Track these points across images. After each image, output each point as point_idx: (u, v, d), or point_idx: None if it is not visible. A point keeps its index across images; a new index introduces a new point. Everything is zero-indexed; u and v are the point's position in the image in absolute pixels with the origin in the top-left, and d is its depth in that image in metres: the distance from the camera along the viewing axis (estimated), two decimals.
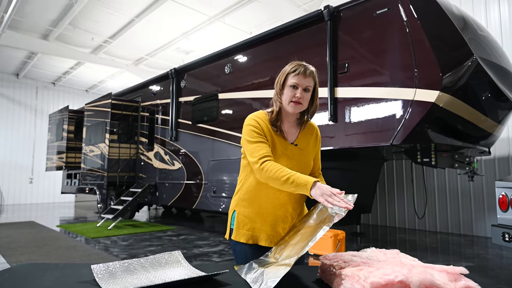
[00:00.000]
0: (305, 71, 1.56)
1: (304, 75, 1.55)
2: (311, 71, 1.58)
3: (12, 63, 13.79)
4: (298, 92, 1.55)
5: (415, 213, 7.15)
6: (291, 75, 1.57)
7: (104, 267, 1.26)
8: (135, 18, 9.90)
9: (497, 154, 6.31)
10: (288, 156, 1.60)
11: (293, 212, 1.63)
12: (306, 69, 1.57)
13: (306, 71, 1.56)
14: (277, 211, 1.60)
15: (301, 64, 1.58)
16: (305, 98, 1.58)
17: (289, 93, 1.57)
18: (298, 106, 1.57)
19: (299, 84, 1.55)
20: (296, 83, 1.55)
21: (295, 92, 1.56)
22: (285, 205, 1.60)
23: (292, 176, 1.42)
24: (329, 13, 4.92)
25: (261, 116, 1.63)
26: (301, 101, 1.56)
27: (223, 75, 6.75)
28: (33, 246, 5.58)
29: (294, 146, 1.63)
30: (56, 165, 11.96)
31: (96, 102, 9.97)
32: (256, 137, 1.57)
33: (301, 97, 1.56)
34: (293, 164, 1.59)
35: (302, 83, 1.56)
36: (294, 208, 1.63)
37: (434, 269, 1.07)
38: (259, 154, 1.52)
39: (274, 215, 1.60)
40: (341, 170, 5.96)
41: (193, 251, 5.32)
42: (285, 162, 1.57)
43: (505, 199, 3.35)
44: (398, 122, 4.13)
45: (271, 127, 1.61)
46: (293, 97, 1.56)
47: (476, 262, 4.63)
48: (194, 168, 7.24)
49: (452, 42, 4.10)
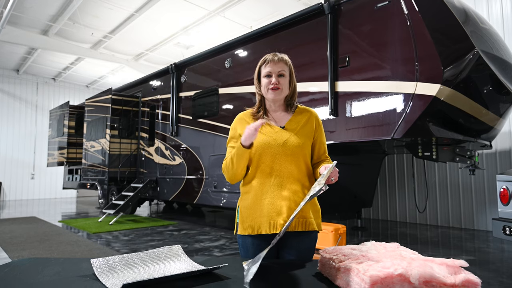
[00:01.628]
0: (273, 59, 1.65)
1: (273, 62, 1.64)
2: (280, 57, 1.66)
3: (12, 59, 13.77)
4: (273, 78, 1.64)
5: (416, 207, 7.15)
6: (263, 66, 1.68)
7: (104, 261, 1.26)
8: (135, 13, 9.85)
9: (498, 147, 6.29)
10: (275, 138, 1.64)
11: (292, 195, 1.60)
12: (275, 56, 1.66)
13: (274, 58, 1.65)
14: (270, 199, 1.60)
15: (270, 54, 1.68)
16: (282, 82, 1.66)
17: (265, 82, 1.67)
18: (276, 92, 1.65)
19: (271, 71, 1.65)
20: (268, 71, 1.65)
21: (270, 79, 1.65)
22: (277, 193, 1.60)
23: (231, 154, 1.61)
24: (330, 6, 4.89)
25: (243, 114, 1.76)
26: (278, 86, 1.64)
27: (223, 69, 6.73)
28: (35, 241, 5.60)
29: (282, 129, 1.67)
30: (57, 161, 11.99)
31: (97, 98, 9.97)
32: (229, 141, 1.74)
33: (277, 82, 1.64)
34: (279, 144, 1.63)
35: (274, 69, 1.64)
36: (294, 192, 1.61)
37: (434, 262, 1.06)
38: (226, 155, 1.70)
39: (269, 203, 1.59)
40: (342, 165, 5.94)
41: (195, 245, 5.33)
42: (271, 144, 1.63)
43: (506, 193, 3.35)
44: (399, 116, 4.12)
45: (254, 119, 1.70)
46: (269, 84, 1.65)
47: (477, 256, 4.64)
48: (195, 163, 7.25)
49: (454, 35, 4.07)
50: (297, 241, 1.60)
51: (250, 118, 1.72)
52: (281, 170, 1.61)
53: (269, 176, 1.61)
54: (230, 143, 1.73)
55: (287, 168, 1.61)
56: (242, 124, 1.71)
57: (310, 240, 1.64)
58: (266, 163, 1.62)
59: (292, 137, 1.64)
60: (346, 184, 5.93)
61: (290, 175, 1.61)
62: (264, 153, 1.62)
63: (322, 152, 1.74)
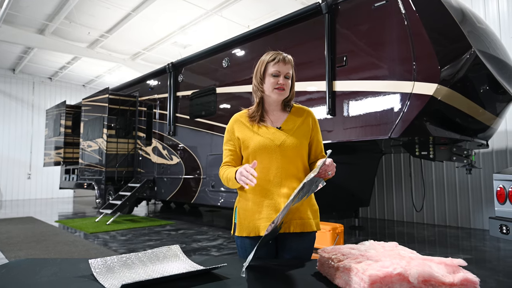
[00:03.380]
0: (284, 59, 1.62)
1: (283, 62, 1.61)
2: (289, 58, 1.64)
3: (8, 58, 13.68)
4: (281, 79, 1.61)
5: (413, 206, 7.17)
6: (271, 64, 1.62)
7: (102, 261, 1.26)
8: (132, 12, 9.81)
9: (495, 147, 6.32)
10: (272, 139, 1.63)
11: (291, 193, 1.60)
12: (285, 57, 1.63)
13: (285, 58, 1.62)
14: (269, 201, 1.60)
15: (278, 53, 1.64)
16: (287, 85, 1.64)
17: (271, 81, 1.62)
18: (282, 93, 1.63)
19: (280, 72, 1.61)
20: (277, 70, 1.61)
21: (277, 79, 1.61)
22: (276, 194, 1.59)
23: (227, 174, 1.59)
24: (327, 6, 4.89)
25: (239, 115, 1.74)
26: (284, 87, 1.63)
27: (221, 69, 6.72)
28: (32, 241, 5.58)
29: (278, 129, 1.66)
30: (54, 161, 11.93)
31: (94, 97, 9.93)
32: (226, 143, 1.72)
33: (284, 83, 1.62)
34: (276, 145, 1.62)
35: (283, 70, 1.62)
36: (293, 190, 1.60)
37: (433, 261, 1.06)
38: (222, 162, 1.70)
39: (268, 205, 1.59)
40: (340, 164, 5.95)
41: (192, 245, 5.33)
42: (268, 145, 1.61)
43: (503, 192, 3.36)
44: (397, 115, 4.12)
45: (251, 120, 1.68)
46: (276, 84, 1.61)
47: (473, 255, 4.66)
48: (193, 162, 7.23)
49: (451, 35, 4.08)
50: (296, 242, 1.61)
51: (246, 119, 1.70)
52: (279, 171, 1.61)
53: (267, 177, 1.60)
54: (227, 146, 1.71)
55: (285, 169, 1.61)
56: (239, 126, 1.69)
57: (309, 240, 1.65)
58: (264, 164, 1.61)
59: (289, 138, 1.63)
60: (344, 183, 5.94)
61: (289, 175, 1.61)
62: (261, 154, 1.61)
63: (319, 151, 1.74)
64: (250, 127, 1.67)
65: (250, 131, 1.66)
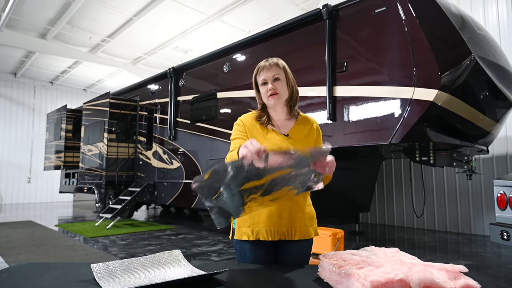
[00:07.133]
0: (265, 65, 1.64)
1: (267, 68, 1.63)
2: (273, 62, 1.65)
3: (10, 62, 13.74)
4: (269, 85, 1.63)
5: (414, 212, 7.15)
6: (258, 75, 1.67)
7: (104, 266, 1.26)
8: (133, 17, 9.87)
9: (495, 152, 6.32)
10: (280, 146, 1.63)
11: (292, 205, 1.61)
12: (266, 61, 1.65)
13: (266, 63, 1.64)
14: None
15: (263, 61, 1.67)
16: (278, 87, 1.63)
17: (263, 90, 1.66)
18: (275, 97, 1.63)
19: (266, 78, 1.64)
20: (263, 79, 1.64)
21: (267, 87, 1.64)
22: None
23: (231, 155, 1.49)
24: (328, 12, 4.92)
25: (248, 115, 1.73)
26: (275, 91, 1.63)
27: (221, 74, 6.74)
28: (31, 245, 5.57)
29: (286, 137, 1.67)
30: (54, 165, 11.94)
31: (94, 101, 9.95)
32: (236, 134, 1.66)
33: (274, 87, 1.62)
34: None
35: (268, 75, 1.63)
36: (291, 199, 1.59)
37: (434, 267, 1.07)
38: (231, 149, 1.62)
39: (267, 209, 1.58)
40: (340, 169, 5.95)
41: (192, 250, 5.31)
42: None
43: (503, 198, 3.36)
44: (397, 121, 4.13)
45: (259, 123, 1.68)
46: (267, 91, 1.64)
47: (474, 261, 4.64)
48: (193, 167, 7.23)
49: (451, 41, 4.10)
50: (295, 248, 1.64)
51: (255, 121, 1.70)
52: None
53: None
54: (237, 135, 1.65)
55: None
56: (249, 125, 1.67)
57: (307, 246, 1.68)
58: None
59: (297, 146, 1.64)
60: (344, 189, 5.94)
61: None
62: None
63: None
64: (260, 129, 1.68)
65: (260, 133, 1.66)
